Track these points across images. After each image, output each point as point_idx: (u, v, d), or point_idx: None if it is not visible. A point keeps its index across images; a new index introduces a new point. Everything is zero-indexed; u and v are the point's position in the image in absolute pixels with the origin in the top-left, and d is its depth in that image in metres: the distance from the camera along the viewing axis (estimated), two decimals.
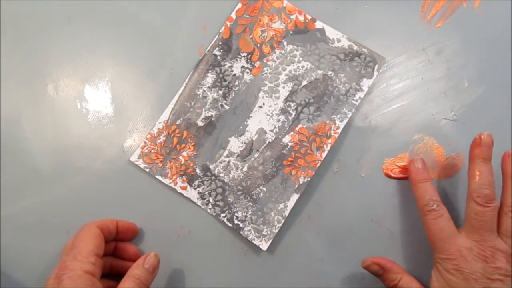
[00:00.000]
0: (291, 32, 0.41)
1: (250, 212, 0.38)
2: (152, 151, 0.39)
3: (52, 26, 0.41)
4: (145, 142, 0.39)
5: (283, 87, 0.40)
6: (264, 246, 0.38)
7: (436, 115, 0.40)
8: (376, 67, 0.40)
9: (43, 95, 0.40)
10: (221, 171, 0.39)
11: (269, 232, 0.38)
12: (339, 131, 0.39)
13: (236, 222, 0.38)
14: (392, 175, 0.39)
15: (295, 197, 0.38)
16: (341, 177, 0.39)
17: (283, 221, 0.38)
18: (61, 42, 0.41)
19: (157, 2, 0.41)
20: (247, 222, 0.38)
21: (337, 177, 0.39)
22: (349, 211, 0.39)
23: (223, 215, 0.38)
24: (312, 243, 0.39)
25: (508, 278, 0.32)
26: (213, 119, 0.40)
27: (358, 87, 0.39)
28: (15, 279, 0.38)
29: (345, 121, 0.39)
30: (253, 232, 0.38)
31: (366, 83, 0.40)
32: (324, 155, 0.39)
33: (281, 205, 0.38)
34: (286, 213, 0.38)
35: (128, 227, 0.38)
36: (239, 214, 0.38)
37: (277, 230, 0.38)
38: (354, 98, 0.39)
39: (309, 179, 0.38)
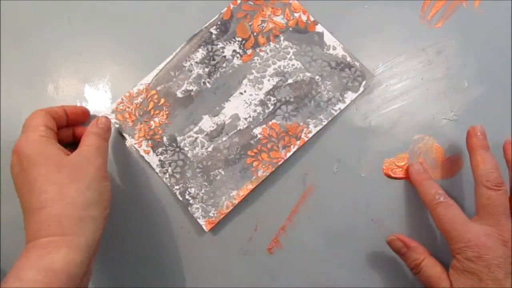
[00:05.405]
0: (290, 29, 0.41)
1: (203, 191, 0.38)
2: (127, 109, 0.39)
3: (52, 26, 0.41)
4: (122, 99, 0.40)
5: (268, 80, 0.40)
6: (207, 227, 0.38)
7: (436, 115, 0.40)
8: (363, 82, 0.40)
9: (43, 95, 0.40)
10: (187, 145, 0.39)
11: (215, 215, 0.38)
12: (310, 135, 0.39)
13: (187, 197, 0.38)
14: (392, 175, 0.39)
15: (249, 187, 0.38)
16: (341, 177, 0.39)
17: (231, 208, 0.38)
18: (61, 42, 0.41)
19: (157, 2, 0.41)
20: (197, 200, 0.38)
21: (337, 177, 0.39)
22: (349, 211, 0.39)
23: (176, 187, 0.38)
24: (312, 243, 0.39)
25: None
26: (192, 94, 0.40)
27: (341, 98, 0.40)
28: None
29: (318, 127, 0.39)
30: (200, 210, 0.38)
31: (349, 96, 0.40)
32: (288, 154, 0.39)
33: (234, 192, 0.38)
34: (236, 201, 0.38)
35: (78, 110, 0.38)
36: (192, 190, 0.38)
37: (223, 216, 0.38)
38: (334, 108, 0.39)
39: (267, 174, 0.38)
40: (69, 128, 0.37)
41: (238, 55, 0.40)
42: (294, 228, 0.39)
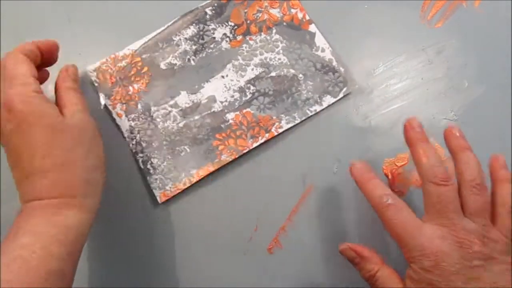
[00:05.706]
0: (284, 23, 0.41)
1: (165, 164, 0.39)
2: (109, 70, 0.40)
3: (52, 26, 0.41)
4: (106, 59, 0.40)
5: (252, 69, 0.40)
6: (161, 199, 0.38)
7: (436, 115, 0.40)
8: (344, 89, 0.40)
9: None
10: (159, 116, 0.40)
11: (172, 189, 0.38)
12: (280, 130, 0.39)
13: (148, 166, 0.39)
14: (390, 177, 0.39)
15: (210, 169, 0.39)
16: (341, 177, 0.39)
17: (188, 185, 0.38)
18: (61, 42, 0.41)
19: (158, 2, 0.41)
20: (158, 171, 0.39)
21: (337, 177, 0.39)
22: (349, 211, 0.39)
23: (140, 155, 0.39)
24: (312, 243, 0.39)
25: (487, 261, 0.29)
26: (175, 68, 0.40)
27: (318, 100, 0.40)
28: None
29: (290, 124, 0.39)
30: (158, 182, 0.38)
31: (328, 100, 0.40)
32: (255, 145, 0.39)
33: (194, 171, 0.39)
34: (195, 179, 0.38)
35: (50, 45, 0.34)
36: (155, 161, 0.39)
37: (178, 192, 0.38)
38: (310, 109, 0.40)
39: (230, 159, 0.39)
40: (44, 71, 0.35)
41: (227, 39, 0.41)
42: (294, 228, 0.39)
